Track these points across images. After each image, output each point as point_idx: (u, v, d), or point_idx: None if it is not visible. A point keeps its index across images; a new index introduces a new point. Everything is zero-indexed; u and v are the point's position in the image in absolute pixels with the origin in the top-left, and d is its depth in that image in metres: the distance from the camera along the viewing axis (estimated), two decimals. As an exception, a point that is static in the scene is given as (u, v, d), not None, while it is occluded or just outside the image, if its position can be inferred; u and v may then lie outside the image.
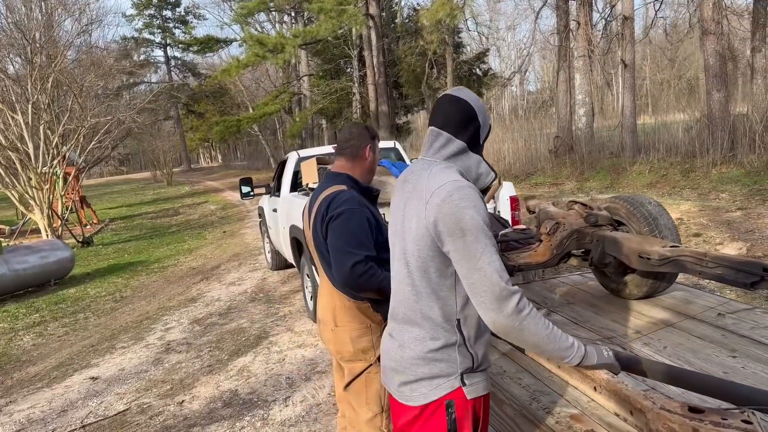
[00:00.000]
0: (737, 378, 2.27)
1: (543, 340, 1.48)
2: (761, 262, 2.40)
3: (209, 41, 28.55)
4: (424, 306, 1.57)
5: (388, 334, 1.75)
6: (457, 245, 1.45)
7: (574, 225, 3.30)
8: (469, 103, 1.66)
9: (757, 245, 5.92)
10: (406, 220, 1.60)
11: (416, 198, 1.56)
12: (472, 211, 1.46)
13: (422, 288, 1.57)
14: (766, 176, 9.65)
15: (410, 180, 1.66)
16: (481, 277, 1.43)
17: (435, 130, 1.66)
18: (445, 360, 1.58)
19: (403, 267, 1.61)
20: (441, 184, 1.50)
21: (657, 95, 27.22)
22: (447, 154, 1.63)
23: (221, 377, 4.45)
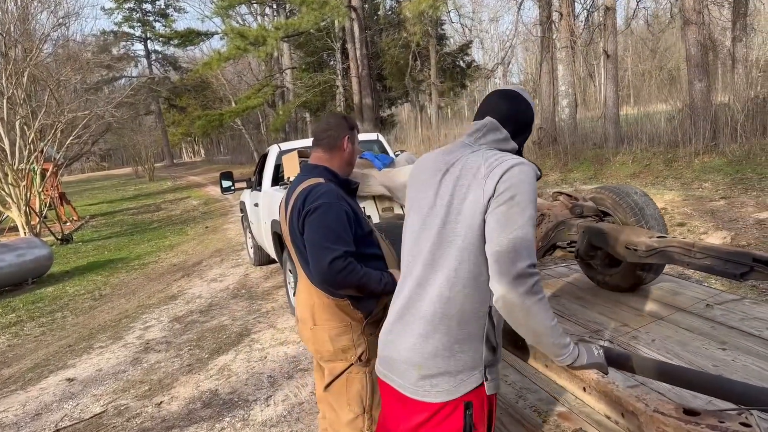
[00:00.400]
0: (728, 372, 2.22)
1: (545, 330, 1.44)
2: (751, 252, 2.34)
3: (190, 34, 28.21)
4: (459, 293, 1.50)
5: (396, 326, 1.65)
6: (500, 209, 1.42)
7: (560, 216, 3.24)
8: (532, 110, 1.69)
9: (741, 234, 5.91)
10: (454, 201, 1.53)
11: (471, 175, 1.52)
12: (530, 187, 1.46)
13: (463, 272, 1.49)
14: (747, 165, 9.69)
15: (455, 162, 1.61)
16: (511, 244, 1.39)
17: (495, 123, 1.65)
18: (470, 352, 1.51)
19: (444, 250, 1.53)
20: (504, 161, 1.49)
21: (639, 86, 27.37)
22: (499, 149, 1.63)
23: (201, 377, 4.33)
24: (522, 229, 1.40)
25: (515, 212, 1.41)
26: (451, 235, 1.51)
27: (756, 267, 2.32)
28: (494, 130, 1.63)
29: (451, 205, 1.54)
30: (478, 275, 1.48)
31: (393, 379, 1.63)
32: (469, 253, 1.48)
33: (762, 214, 6.46)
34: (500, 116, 1.65)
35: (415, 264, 1.63)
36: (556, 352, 1.48)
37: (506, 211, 1.41)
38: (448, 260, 1.51)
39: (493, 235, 1.42)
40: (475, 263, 1.48)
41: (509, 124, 1.65)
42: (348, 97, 24.23)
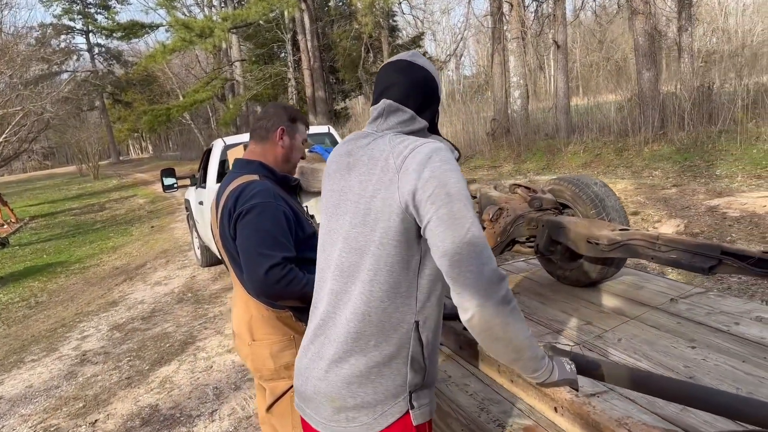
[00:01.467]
0: (700, 372, 2.08)
1: (524, 343, 1.23)
2: (719, 245, 2.21)
3: (134, 27, 27.11)
4: (375, 309, 1.27)
5: (310, 349, 1.40)
6: (441, 213, 1.18)
7: (518, 210, 3.07)
8: (431, 75, 1.44)
9: (694, 221, 5.92)
10: (361, 200, 1.30)
11: (379, 169, 1.28)
12: (457, 175, 1.23)
13: (379, 283, 1.26)
14: (695, 153, 9.86)
15: (359, 153, 1.37)
16: (471, 251, 1.16)
17: (393, 104, 1.40)
18: (392, 377, 1.28)
19: (353, 258, 1.30)
20: (414, 148, 1.26)
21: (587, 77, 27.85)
22: (407, 131, 1.39)
23: (141, 390, 4.02)
24: (474, 225, 1.19)
25: (458, 207, 1.18)
26: (362, 240, 1.29)
27: (725, 260, 2.19)
28: (395, 112, 1.39)
29: (359, 205, 1.31)
30: (397, 286, 1.26)
31: (309, 415, 1.39)
32: (384, 262, 1.25)
33: (713, 201, 6.51)
34: (398, 94, 1.40)
35: (325, 275, 1.40)
36: (534, 367, 1.28)
37: (448, 214, 1.18)
38: (360, 270, 1.28)
39: (445, 245, 1.18)
40: (392, 272, 1.26)
41: (411, 99, 1.39)
42: (300, 89, 23.80)
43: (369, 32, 20.45)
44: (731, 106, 10.28)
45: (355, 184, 1.34)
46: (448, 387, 2.21)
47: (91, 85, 45.57)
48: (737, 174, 8.25)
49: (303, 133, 2.12)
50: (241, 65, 28.17)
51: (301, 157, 2.14)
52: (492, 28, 15.95)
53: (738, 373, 2.05)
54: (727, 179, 8.14)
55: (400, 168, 1.23)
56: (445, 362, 2.36)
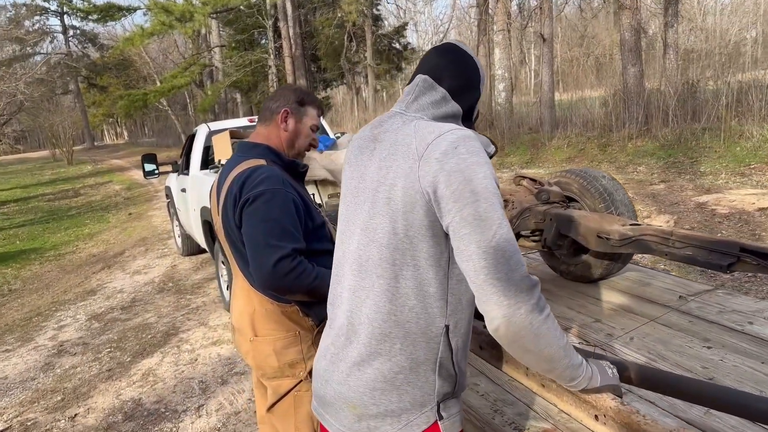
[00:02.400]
0: (719, 374, 2.02)
1: (559, 353, 1.12)
2: (738, 242, 2.15)
3: (110, 9, 26.47)
4: (401, 307, 1.16)
5: (330, 350, 1.28)
6: (465, 213, 1.06)
7: (524, 203, 2.97)
8: (475, 63, 1.33)
9: (684, 218, 5.91)
10: (380, 188, 1.18)
11: (400, 156, 1.16)
12: (486, 169, 1.11)
13: (405, 279, 1.15)
14: (678, 149, 9.91)
15: (383, 137, 1.25)
16: (498, 257, 1.05)
17: (428, 80, 1.29)
18: (419, 384, 1.17)
19: (372, 251, 1.18)
20: (440, 134, 1.13)
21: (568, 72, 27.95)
22: (439, 115, 1.26)
23: (123, 383, 3.85)
24: (502, 227, 1.07)
25: (485, 207, 1.07)
26: (381, 232, 1.17)
27: (743, 257, 2.13)
28: (428, 90, 1.28)
29: (378, 194, 1.19)
30: (425, 285, 1.15)
31: (327, 420, 1.28)
32: (412, 256, 1.14)
33: (702, 198, 6.52)
34: (435, 71, 1.29)
35: (343, 270, 1.29)
36: (571, 375, 1.17)
37: (473, 215, 1.06)
38: (382, 266, 1.16)
39: (470, 249, 1.06)
40: (419, 268, 1.14)
41: (446, 79, 1.28)
42: (281, 77, 23.43)
43: (353, 20, 20.23)
44: (715, 103, 10.34)
45: (375, 170, 1.22)
46: (459, 386, 2.11)
47: (65, 67, 44.40)
48: (721, 171, 8.29)
49: (313, 118, 1.97)
50: (220, 51, 27.65)
51: (311, 145, 2.00)
52: (478, 19, 15.86)
53: (758, 374, 1.99)
54: (711, 176, 8.18)
55: (422, 155, 1.12)
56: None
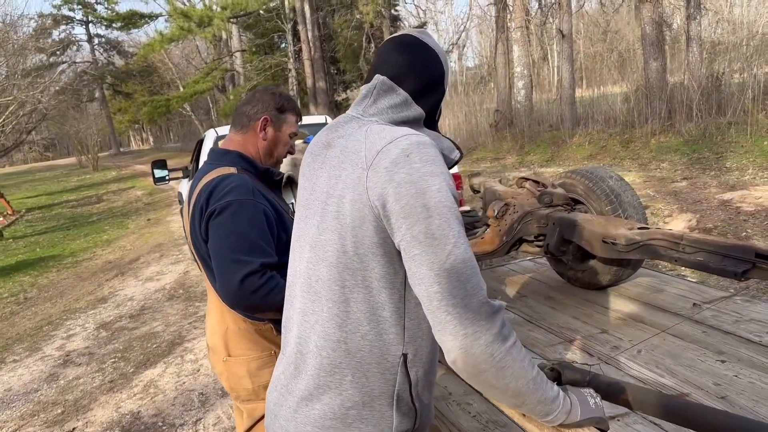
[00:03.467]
0: (733, 392, 1.85)
1: (527, 387, 0.99)
2: (753, 246, 1.97)
3: (133, 16, 26.78)
4: (353, 334, 1.03)
5: (280, 380, 1.17)
6: (416, 231, 0.94)
7: (526, 206, 2.82)
8: (439, 59, 1.20)
9: (706, 216, 5.67)
10: (329, 200, 1.06)
11: (349, 164, 1.04)
12: (440, 181, 0.98)
13: (354, 305, 1.03)
14: (703, 145, 9.59)
15: (336, 143, 1.13)
16: (454, 280, 0.93)
17: (386, 82, 1.16)
18: (373, 421, 1.05)
19: (322, 271, 1.06)
20: (391, 140, 1.01)
21: (591, 68, 27.47)
22: (398, 119, 1.14)
23: (123, 395, 3.80)
24: (458, 246, 0.95)
25: (438, 223, 0.94)
26: (330, 249, 1.04)
27: (759, 264, 1.96)
28: (387, 93, 1.15)
29: (327, 207, 1.06)
30: (378, 309, 1.02)
31: None
32: (362, 277, 1.02)
33: (726, 195, 6.26)
34: (395, 71, 1.17)
35: (294, 290, 1.16)
36: (545, 411, 1.04)
37: (425, 233, 0.94)
38: (331, 287, 1.04)
39: (421, 272, 0.94)
40: (370, 291, 1.02)
41: (407, 80, 1.16)
42: (301, 80, 23.49)
43: (370, 21, 20.14)
44: (741, 96, 9.99)
45: (325, 180, 1.10)
46: (449, 406, 1.97)
47: (90, 75, 45.24)
48: (748, 166, 7.98)
49: (292, 126, 1.86)
50: (241, 55, 27.85)
51: (288, 152, 1.89)
52: (496, 17, 15.64)
53: (777, 393, 1.82)
54: (737, 172, 7.88)
55: (371, 164, 1.00)
56: (444, 377, 2.12)
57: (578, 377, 1.34)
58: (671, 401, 1.34)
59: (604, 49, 28.95)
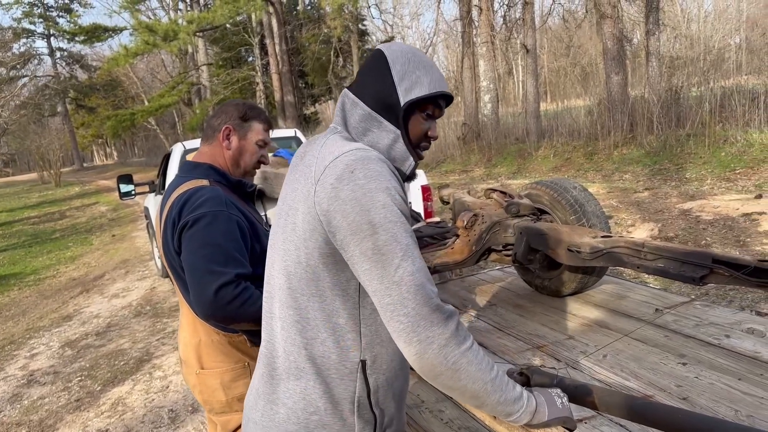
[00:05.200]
0: (694, 393, 1.92)
1: (485, 388, 1.02)
2: (710, 252, 2.06)
3: (96, 30, 26.34)
4: (312, 340, 1.06)
5: (254, 385, 1.20)
6: (364, 248, 0.97)
7: (494, 216, 2.88)
8: (382, 53, 1.18)
9: (668, 225, 5.85)
10: (290, 212, 1.09)
11: (303, 177, 1.08)
12: (384, 196, 0.99)
13: (312, 312, 1.06)
14: (664, 156, 9.89)
15: (307, 155, 1.16)
16: (401, 293, 0.96)
17: (348, 97, 1.20)
18: (335, 427, 1.07)
19: (284, 280, 1.10)
20: (337, 155, 1.03)
21: (555, 82, 28.12)
22: (351, 123, 1.17)
23: (90, 414, 3.72)
24: (406, 259, 0.97)
25: (385, 239, 0.97)
26: (289, 259, 1.08)
27: (717, 269, 2.04)
28: (351, 106, 1.17)
29: (288, 219, 1.10)
30: (334, 316, 1.06)
31: None
32: (316, 286, 1.05)
33: (686, 205, 6.46)
34: (357, 85, 1.20)
35: (270, 296, 1.19)
36: (507, 411, 1.07)
37: (372, 250, 0.97)
38: (293, 295, 1.08)
39: (373, 286, 0.98)
40: (324, 300, 1.05)
41: (366, 94, 1.17)
42: (269, 94, 23.46)
43: (338, 36, 20.27)
44: (699, 109, 10.35)
45: (290, 192, 1.13)
46: (421, 413, 2.00)
47: (52, 89, 44.34)
48: (707, 177, 8.27)
49: (259, 133, 1.87)
50: (207, 69, 27.66)
51: (261, 161, 1.90)
52: (462, 32, 15.90)
53: (735, 393, 1.89)
54: (696, 182, 8.15)
55: (318, 179, 1.02)
56: (417, 385, 2.15)
57: (546, 380, 1.38)
58: (636, 402, 1.39)
59: (567, 63, 29.67)
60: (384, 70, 1.16)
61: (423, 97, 1.16)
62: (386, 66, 1.16)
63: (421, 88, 1.16)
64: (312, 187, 1.03)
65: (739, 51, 16.29)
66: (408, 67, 1.16)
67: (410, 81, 1.15)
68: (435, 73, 1.19)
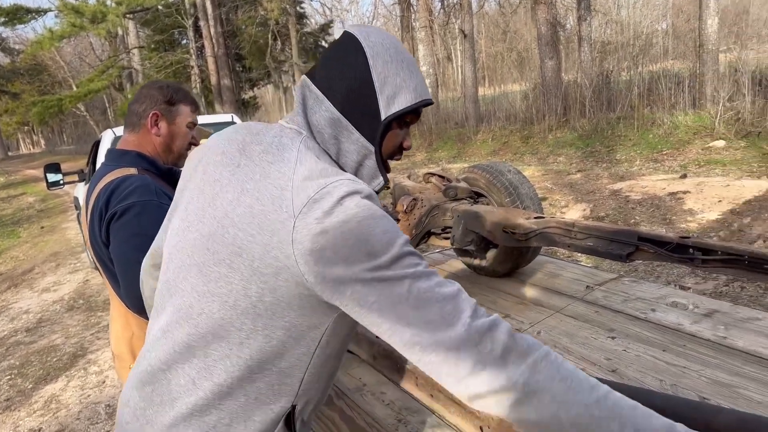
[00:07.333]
0: (622, 365, 2.02)
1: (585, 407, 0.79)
2: (636, 230, 2.16)
3: (18, 11, 24.82)
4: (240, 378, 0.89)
5: (137, 400, 0.95)
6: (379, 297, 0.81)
7: (433, 200, 2.93)
8: (359, 43, 0.96)
9: (599, 206, 6.08)
10: (231, 228, 0.88)
11: (269, 200, 0.86)
12: (386, 236, 0.83)
13: (247, 349, 0.88)
14: (595, 139, 10.25)
15: (255, 156, 0.93)
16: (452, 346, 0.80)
17: (307, 86, 0.99)
18: None
19: (213, 307, 0.89)
20: (324, 185, 0.84)
21: (493, 67, 28.60)
22: (315, 124, 0.97)
23: (22, 413, 3.57)
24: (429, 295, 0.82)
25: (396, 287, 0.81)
26: (225, 287, 0.87)
27: (642, 246, 2.14)
28: (314, 103, 0.97)
29: (226, 236, 0.88)
30: (275, 359, 0.89)
31: None
32: (263, 326, 0.87)
33: (616, 185, 6.73)
34: (324, 78, 0.98)
35: (164, 303, 0.97)
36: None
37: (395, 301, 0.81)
38: (224, 326, 0.88)
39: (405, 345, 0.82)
40: (269, 340, 0.88)
41: (335, 92, 0.96)
42: (204, 78, 22.81)
43: (275, 18, 19.88)
44: (628, 93, 10.77)
45: (230, 197, 0.90)
46: (363, 397, 2.02)
47: (-31, 74, 41.68)
48: (636, 158, 8.63)
49: (187, 116, 1.81)
50: (139, 52, 26.57)
51: (192, 144, 1.84)
52: (400, 16, 15.91)
53: (660, 363, 2.00)
54: (626, 163, 8.50)
55: (299, 212, 0.82)
56: (360, 368, 2.17)
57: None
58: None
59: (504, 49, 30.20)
60: (360, 67, 0.95)
61: (407, 110, 0.98)
62: (364, 62, 0.95)
63: (405, 98, 0.97)
64: (289, 221, 0.83)
65: (666, 36, 17.01)
66: (391, 68, 0.96)
67: (393, 88, 0.96)
68: (418, 75, 1.01)
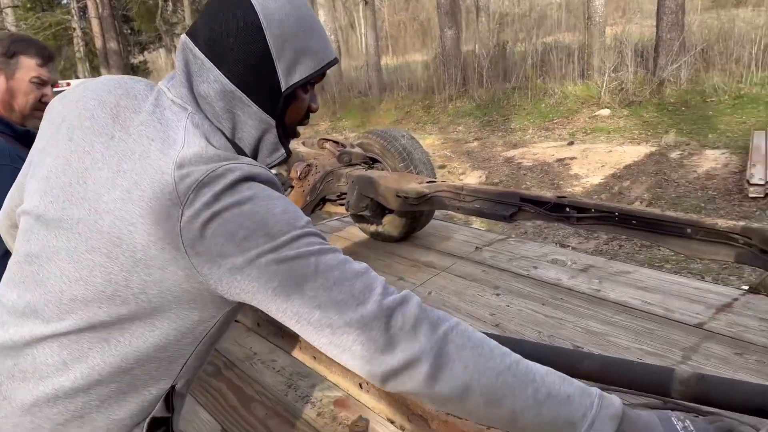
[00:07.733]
0: (505, 319, 2.12)
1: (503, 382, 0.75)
2: (518, 191, 2.25)
3: None
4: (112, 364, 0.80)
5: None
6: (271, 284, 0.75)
7: (327, 166, 2.90)
8: (262, 32, 0.84)
9: (494, 172, 6.31)
10: (105, 214, 0.77)
11: (149, 184, 0.76)
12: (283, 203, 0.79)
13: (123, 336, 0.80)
14: (492, 108, 10.58)
15: (132, 128, 0.82)
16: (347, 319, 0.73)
17: (186, 42, 0.87)
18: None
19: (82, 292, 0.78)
20: (214, 168, 0.75)
21: (396, 36, 28.64)
22: (203, 95, 0.86)
23: None
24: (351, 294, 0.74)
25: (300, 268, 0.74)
26: (104, 279, 0.78)
27: (524, 207, 2.23)
28: (199, 70, 0.85)
29: (101, 221, 0.77)
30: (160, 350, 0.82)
31: None
32: (146, 315, 0.80)
33: (509, 153, 7.01)
34: (209, 40, 0.85)
35: (21, 278, 0.84)
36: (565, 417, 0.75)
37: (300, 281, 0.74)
38: (97, 313, 0.79)
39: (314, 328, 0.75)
40: (152, 330, 0.81)
41: (227, 56, 0.85)
42: (88, 41, 21.21)
43: (166, -21, 18.75)
44: (523, 64, 11.17)
45: (104, 178, 0.79)
46: (254, 365, 1.98)
47: None
48: (529, 127, 9.01)
49: (32, 70, 1.62)
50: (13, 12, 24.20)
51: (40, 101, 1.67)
52: (300, -20, 15.50)
53: (539, 316, 2.12)
54: (520, 132, 8.85)
55: (185, 198, 0.74)
56: (249, 337, 2.12)
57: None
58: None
59: (406, 17, 30.30)
60: (252, 31, 0.84)
61: (310, 77, 0.90)
62: (256, 25, 0.84)
63: (307, 64, 0.88)
64: (175, 210, 0.74)
65: (560, 9, 17.71)
66: (288, 30, 0.86)
67: (293, 53, 0.87)
68: (322, 34, 0.91)
